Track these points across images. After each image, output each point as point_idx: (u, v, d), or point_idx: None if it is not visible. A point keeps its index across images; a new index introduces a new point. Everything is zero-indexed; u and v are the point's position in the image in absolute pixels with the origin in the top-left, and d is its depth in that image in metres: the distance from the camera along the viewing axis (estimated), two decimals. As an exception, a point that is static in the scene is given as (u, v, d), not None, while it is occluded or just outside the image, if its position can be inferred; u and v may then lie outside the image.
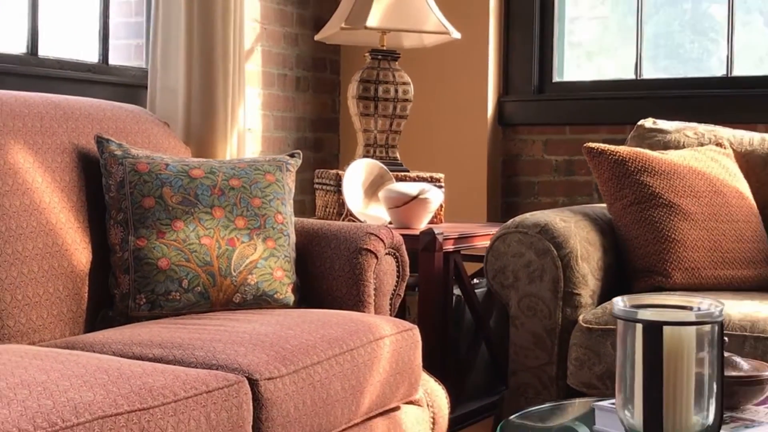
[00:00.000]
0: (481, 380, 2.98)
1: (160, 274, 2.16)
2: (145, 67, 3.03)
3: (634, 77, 3.57)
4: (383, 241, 2.35)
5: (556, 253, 2.46)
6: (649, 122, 3.03)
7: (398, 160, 3.18)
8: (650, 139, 2.97)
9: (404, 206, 2.83)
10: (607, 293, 2.56)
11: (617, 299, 1.40)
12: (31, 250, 2.06)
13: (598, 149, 2.69)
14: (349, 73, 3.66)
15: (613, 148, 2.69)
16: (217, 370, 1.73)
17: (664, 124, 3.02)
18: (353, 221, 2.83)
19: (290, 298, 2.29)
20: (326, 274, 2.36)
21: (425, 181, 3.06)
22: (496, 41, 3.68)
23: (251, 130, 3.41)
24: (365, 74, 3.11)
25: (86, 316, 2.16)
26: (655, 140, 2.95)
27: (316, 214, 3.16)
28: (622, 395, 1.38)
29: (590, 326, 2.37)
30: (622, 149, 2.69)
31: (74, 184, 2.23)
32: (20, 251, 2.03)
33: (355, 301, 2.32)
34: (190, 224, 2.22)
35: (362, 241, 2.34)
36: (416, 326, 2.22)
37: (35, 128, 2.21)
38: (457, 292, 2.85)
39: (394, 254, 2.40)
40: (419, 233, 2.68)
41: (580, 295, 2.47)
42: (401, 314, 2.86)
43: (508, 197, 3.74)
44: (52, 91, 2.52)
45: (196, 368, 1.72)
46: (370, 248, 2.33)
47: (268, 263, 2.26)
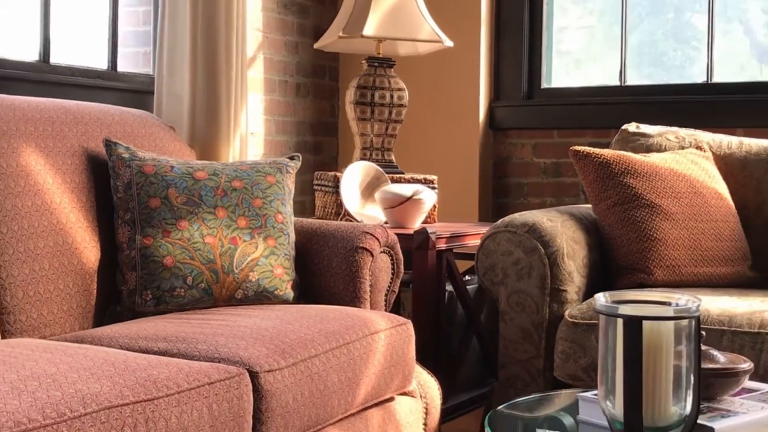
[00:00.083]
0: (472, 372, 2.98)
1: (165, 271, 2.18)
2: (152, 73, 3.03)
3: (618, 84, 3.56)
4: (379, 239, 2.37)
5: (543, 251, 2.47)
6: (632, 126, 3.03)
7: (393, 162, 3.17)
8: (633, 142, 2.97)
9: (399, 207, 2.83)
10: (592, 289, 2.56)
11: (599, 295, 1.39)
12: (42, 248, 2.07)
13: (583, 152, 2.70)
14: (347, 79, 3.65)
15: (598, 151, 2.69)
16: (219, 362, 1.74)
17: (646, 128, 3.01)
18: (350, 221, 2.83)
19: (290, 294, 2.30)
20: (324, 271, 2.37)
21: (419, 182, 3.05)
22: (487, 49, 3.67)
23: (254, 133, 3.40)
24: (362, 81, 3.11)
25: (95, 311, 2.17)
26: (638, 144, 2.96)
27: (315, 214, 3.15)
28: (604, 387, 1.38)
29: (575, 321, 2.38)
30: (606, 152, 2.69)
31: (84, 185, 2.24)
32: (32, 249, 2.05)
33: (351, 297, 2.33)
34: (194, 224, 2.23)
35: (359, 239, 2.35)
36: (410, 321, 2.22)
37: (47, 132, 2.22)
38: (449, 288, 2.85)
39: (389, 252, 2.42)
40: (413, 232, 2.68)
41: (566, 291, 2.48)
42: (396, 310, 2.85)
43: (498, 198, 3.72)
44: (63, 96, 2.52)
45: (199, 361, 1.73)
46: (366, 246, 2.34)
47: (268, 261, 2.28)
